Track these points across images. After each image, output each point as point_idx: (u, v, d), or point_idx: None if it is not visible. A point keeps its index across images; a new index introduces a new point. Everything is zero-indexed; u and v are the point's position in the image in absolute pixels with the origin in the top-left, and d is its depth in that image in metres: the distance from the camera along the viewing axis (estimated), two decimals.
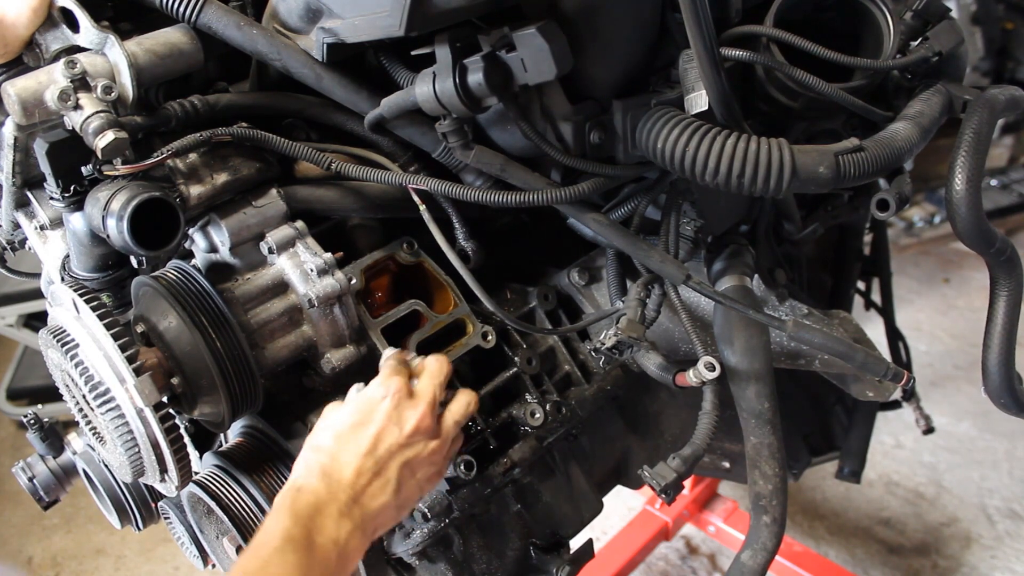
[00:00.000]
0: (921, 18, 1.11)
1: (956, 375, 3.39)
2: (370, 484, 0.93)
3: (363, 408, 0.97)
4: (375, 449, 0.94)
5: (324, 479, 0.91)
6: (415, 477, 0.97)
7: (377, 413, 0.96)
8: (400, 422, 0.96)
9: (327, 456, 0.94)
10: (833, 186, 0.96)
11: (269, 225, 1.06)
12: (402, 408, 0.97)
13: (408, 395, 0.98)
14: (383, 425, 0.95)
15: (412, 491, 0.98)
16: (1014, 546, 2.64)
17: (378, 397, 0.97)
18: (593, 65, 1.00)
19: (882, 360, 1.09)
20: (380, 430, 0.95)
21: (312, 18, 1.03)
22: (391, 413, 0.96)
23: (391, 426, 0.96)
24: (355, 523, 0.90)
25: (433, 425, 0.99)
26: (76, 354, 0.96)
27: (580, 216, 1.10)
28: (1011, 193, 4.07)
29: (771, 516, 1.13)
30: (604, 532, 2.64)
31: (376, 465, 0.94)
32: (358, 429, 0.95)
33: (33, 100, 0.95)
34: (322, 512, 0.88)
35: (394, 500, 0.95)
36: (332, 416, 0.98)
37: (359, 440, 0.94)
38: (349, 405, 0.99)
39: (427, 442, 0.98)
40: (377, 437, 0.95)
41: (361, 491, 0.92)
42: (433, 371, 1.02)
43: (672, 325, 1.29)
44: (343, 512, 0.90)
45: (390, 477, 0.94)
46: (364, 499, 0.92)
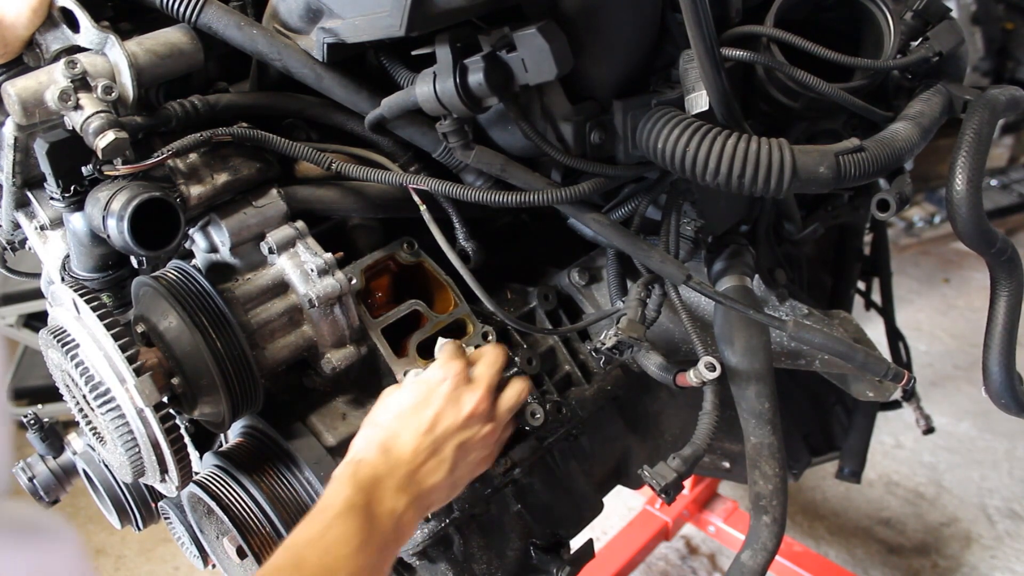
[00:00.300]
0: (921, 18, 1.11)
1: (956, 375, 3.39)
2: (427, 462, 0.97)
3: (423, 389, 1.01)
4: (433, 429, 0.98)
5: (384, 454, 0.96)
6: (468, 459, 1.02)
7: (436, 395, 1.00)
8: (458, 405, 1.01)
9: (387, 432, 0.98)
10: (833, 186, 0.96)
11: (269, 225, 1.06)
12: (460, 391, 1.01)
13: (466, 380, 1.03)
14: (442, 407, 1.00)
15: (464, 472, 1.02)
16: (1014, 546, 2.64)
17: (438, 379, 1.02)
18: (593, 65, 1.00)
19: (882, 360, 1.09)
20: (439, 411, 0.99)
21: (312, 18, 1.03)
22: (450, 395, 1.01)
23: (449, 408, 1.00)
24: (411, 497, 0.94)
25: (489, 409, 1.03)
26: (76, 354, 0.96)
27: (580, 216, 1.10)
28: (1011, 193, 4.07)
29: (771, 516, 1.13)
30: (604, 532, 2.64)
31: (433, 444, 0.98)
32: (418, 409, 0.99)
33: (33, 100, 0.95)
34: (381, 484, 0.93)
35: (447, 479, 0.99)
36: (392, 396, 1.02)
37: (418, 419, 0.99)
38: (409, 386, 1.03)
39: (482, 426, 1.02)
40: (436, 418, 0.99)
41: (418, 468, 0.96)
42: (490, 359, 1.07)
43: (672, 325, 1.29)
44: (400, 486, 0.94)
45: (446, 456, 0.99)
46: (420, 475, 0.96)
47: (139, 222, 0.90)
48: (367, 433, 1.00)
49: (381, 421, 1.00)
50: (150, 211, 0.91)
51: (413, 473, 0.96)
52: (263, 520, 1.03)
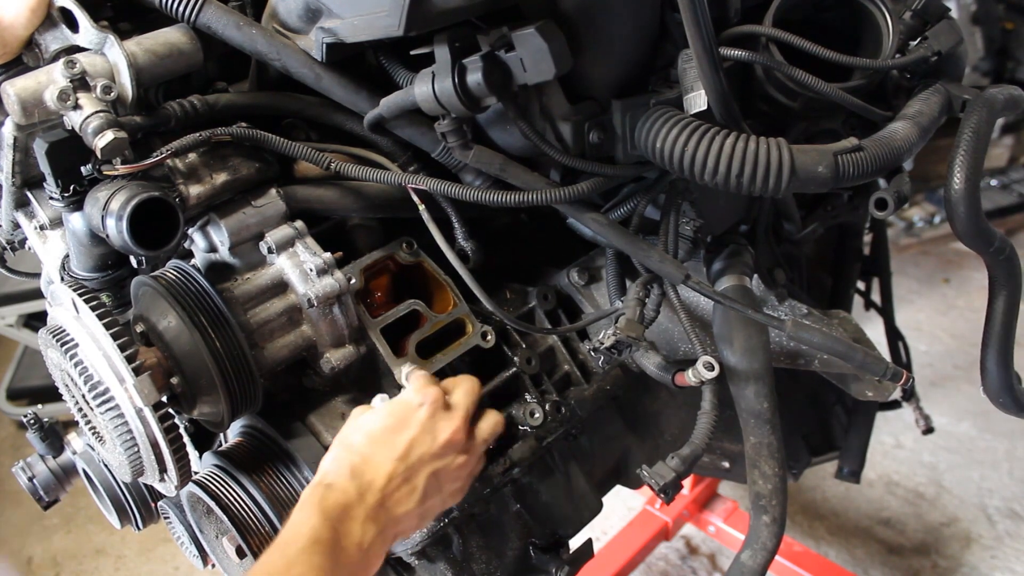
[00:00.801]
0: (920, 18, 1.11)
1: (956, 375, 3.39)
2: (398, 489, 0.94)
3: (398, 413, 0.98)
4: (407, 456, 0.95)
5: (355, 479, 0.92)
6: (441, 489, 0.98)
7: (412, 420, 0.97)
8: (434, 432, 0.97)
9: (358, 456, 0.94)
10: (832, 186, 0.96)
11: (269, 225, 1.06)
12: (437, 418, 0.98)
13: (444, 407, 1.00)
14: (417, 433, 0.96)
15: (435, 503, 0.99)
16: (1014, 546, 2.64)
17: (415, 404, 0.98)
18: (592, 65, 1.01)
19: (882, 360, 1.09)
20: (414, 437, 0.96)
21: (311, 18, 1.03)
22: (426, 422, 0.97)
23: (425, 435, 0.96)
24: (380, 527, 0.91)
25: (465, 440, 1.00)
26: (76, 354, 0.96)
27: (579, 216, 1.10)
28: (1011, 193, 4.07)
29: (771, 516, 1.13)
30: (604, 532, 2.64)
31: (407, 471, 0.95)
32: (392, 433, 0.96)
33: (33, 100, 0.95)
34: (350, 514, 0.89)
35: (417, 509, 0.96)
36: (364, 418, 0.98)
37: (393, 445, 0.95)
38: (383, 408, 0.99)
39: (456, 456, 0.99)
40: (411, 444, 0.95)
41: (389, 495, 0.93)
42: (467, 387, 1.04)
43: (672, 325, 1.29)
44: (370, 516, 0.90)
45: (418, 485, 0.95)
46: (390, 504, 0.93)
47: (138, 222, 0.91)
48: (337, 454, 0.96)
49: (353, 443, 0.96)
50: (149, 211, 0.91)
51: (383, 501, 0.92)
52: (262, 519, 1.03)
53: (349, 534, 0.88)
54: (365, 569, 0.89)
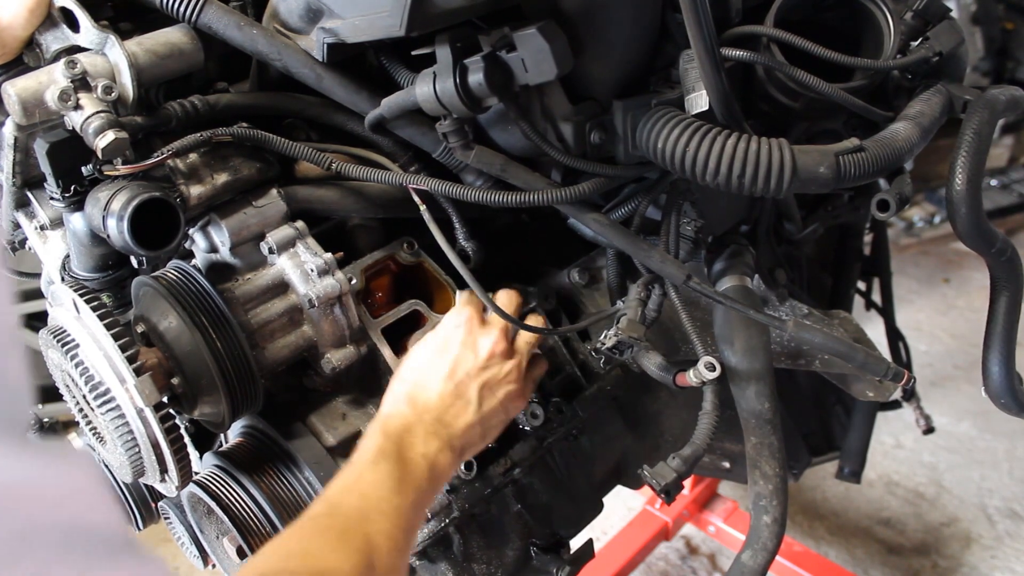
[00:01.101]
0: (921, 18, 1.11)
1: (956, 375, 3.39)
2: (452, 405, 1.01)
3: (439, 339, 1.05)
4: (454, 373, 1.02)
5: (409, 404, 0.99)
6: (495, 397, 1.04)
7: (453, 341, 1.04)
8: (475, 347, 1.04)
9: (410, 384, 1.02)
10: (834, 186, 0.96)
11: (269, 225, 1.06)
12: (476, 334, 1.05)
13: (480, 322, 1.06)
14: (460, 351, 1.03)
15: (496, 410, 1.05)
16: (1014, 546, 2.64)
17: (452, 326, 1.06)
18: (594, 65, 1.00)
19: (882, 360, 1.09)
20: (457, 356, 1.03)
21: (312, 18, 1.03)
22: (466, 339, 1.04)
23: (467, 352, 1.04)
24: (442, 440, 0.97)
25: (507, 347, 1.06)
26: (76, 354, 0.96)
27: (580, 216, 1.10)
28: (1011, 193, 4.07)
29: (771, 516, 1.13)
30: (604, 532, 2.64)
31: (456, 388, 1.02)
32: (436, 357, 1.03)
33: (33, 100, 0.95)
34: (410, 431, 0.96)
35: (477, 419, 1.02)
36: (412, 351, 1.06)
37: (438, 367, 1.02)
38: (426, 338, 1.07)
39: (502, 363, 1.05)
40: (455, 362, 1.03)
41: (444, 411, 1.00)
42: (503, 300, 1.11)
43: (672, 325, 1.29)
44: (429, 431, 0.97)
45: (471, 398, 1.02)
46: (448, 418, 1.00)
47: (139, 222, 0.90)
48: (393, 388, 1.03)
49: (404, 375, 1.03)
50: (150, 211, 0.91)
51: (440, 417, 0.99)
52: (263, 520, 1.03)
53: (412, 446, 0.94)
54: (433, 482, 0.94)
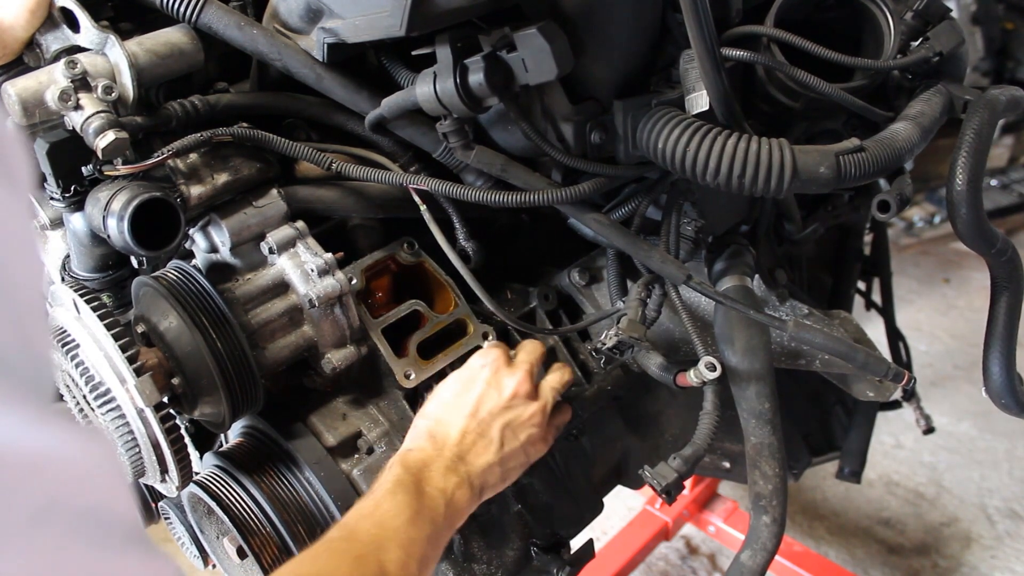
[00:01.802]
0: (921, 18, 1.11)
1: (956, 375, 3.39)
2: (475, 444, 1.01)
3: (465, 377, 1.06)
4: (477, 412, 1.03)
5: (431, 440, 1.00)
6: (517, 439, 1.04)
7: (478, 380, 1.05)
8: (499, 387, 1.05)
9: (433, 421, 1.03)
10: (834, 186, 0.96)
11: (269, 225, 1.06)
12: (501, 375, 1.05)
13: (506, 364, 1.07)
14: (484, 390, 1.04)
15: (516, 452, 1.05)
16: (1014, 546, 2.64)
17: (478, 366, 1.06)
18: (594, 65, 1.00)
19: (882, 360, 1.09)
20: (481, 394, 1.04)
21: (313, 18, 1.03)
22: (491, 379, 1.05)
23: (491, 391, 1.04)
24: (460, 478, 0.98)
25: (531, 390, 1.07)
26: (76, 354, 0.96)
27: (581, 216, 1.10)
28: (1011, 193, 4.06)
29: (771, 516, 1.13)
30: (604, 532, 2.64)
31: (479, 426, 1.02)
32: (461, 395, 1.04)
33: (33, 100, 0.95)
34: (429, 466, 0.96)
35: (497, 459, 1.02)
36: (437, 388, 1.07)
37: (462, 404, 1.03)
38: (451, 376, 1.08)
39: (526, 405, 1.06)
40: (479, 401, 1.03)
41: (467, 450, 1.00)
42: (529, 347, 1.12)
43: (672, 325, 1.29)
44: (449, 467, 0.97)
45: (492, 437, 1.02)
46: (469, 456, 1.00)
47: (139, 222, 0.91)
48: (416, 424, 1.04)
49: (428, 411, 1.04)
50: (150, 211, 0.91)
51: (462, 455, 0.99)
52: (263, 520, 1.03)
53: (430, 480, 0.95)
54: (450, 518, 0.95)
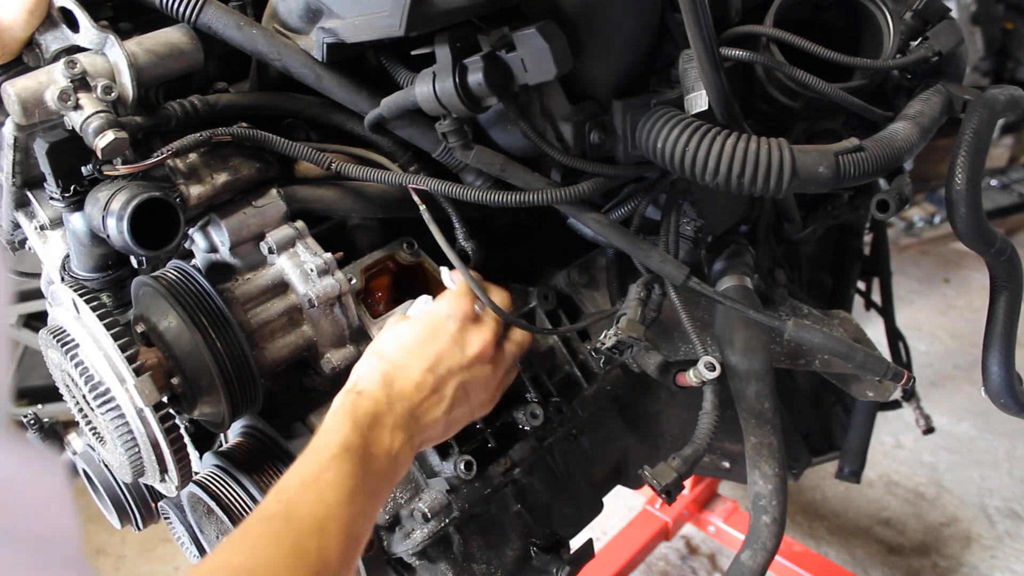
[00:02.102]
0: (921, 18, 1.11)
1: (956, 375, 3.39)
2: (427, 399, 0.98)
3: (430, 325, 1.01)
4: (437, 367, 0.99)
5: (385, 388, 0.95)
6: (468, 399, 1.02)
7: (443, 332, 1.01)
8: (463, 345, 1.01)
9: (390, 365, 0.98)
10: (833, 186, 0.96)
11: (269, 225, 1.06)
12: (467, 331, 1.02)
13: (473, 319, 1.03)
14: (447, 345, 1.00)
15: (463, 412, 1.03)
16: (1014, 546, 2.64)
17: (444, 316, 1.02)
18: (593, 65, 1.00)
19: (882, 360, 1.09)
20: (443, 349, 1.00)
21: (312, 18, 1.03)
22: (456, 335, 1.01)
23: (455, 348, 1.01)
24: (408, 435, 0.95)
25: (493, 352, 1.04)
26: (76, 354, 0.96)
27: (580, 216, 1.10)
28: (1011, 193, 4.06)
29: (771, 516, 1.13)
30: (604, 532, 2.64)
31: (436, 382, 0.99)
32: (423, 345, 0.99)
33: (33, 100, 0.95)
34: (380, 422, 0.92)
35: (444, 418, 1.00)
36: (399, 328, 1.02)
37: (423, 355, 0.99)
38: (416, 320, 1.02)
39: (484, 367, 1.03)
40: (440, 355, 0.99)
41: (418, 405, 0.97)
42: (499, 298, 1.08)
43: (672, 325, 1.29)
44: (399, 424, 0.94)
45: (446, 395, 0.99)
46: (419, 412, 0.97)
47: (139, 222, 0.91)
48: (370, 362, 0.99)
49: (386, 352, 0.99)
50: (150, 211, 0.91)
51: (413, 410, 0.96)
52: None
53: (379, 442, 0.91)
54: (393, 475, 0.93)
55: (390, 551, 1.12)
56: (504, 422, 1.19)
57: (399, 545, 1.10)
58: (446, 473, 1.11)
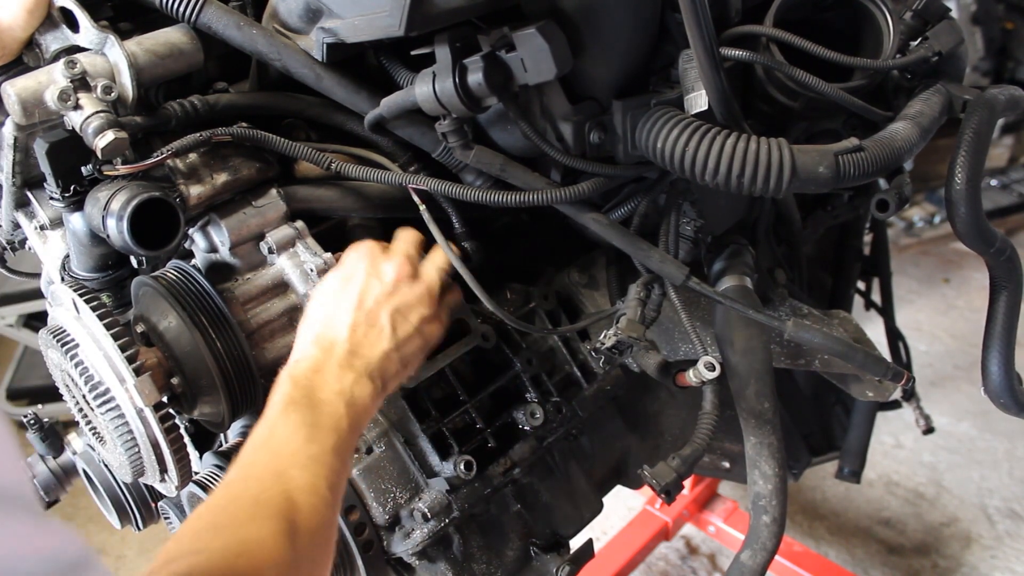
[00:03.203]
0: (921, 18, 1.11)
1: (956, 375, 3.39)
2: (366, 335, 0.96)
3: (340, 272, 1.01)
4: (363, 303, 0.97)
5: (317, 344, 0.94)
6: (409, 321, 1.00)
7: (356, 272, 1.00)
8: (379, 274, 1.00)
9: (319, 324, 0.96)
10: (833, 186, 0.96)
11: (269, 225, 1.06)
12: (379, 262, 1.01)
13: (381, 251, 1.03)
14: (364, 280, 0.99)
15: (412, 336, 1.00)
16: (1014, 546, 2.64)
17: (354, 259, 1.02)
18: (593, 65, 1.00)
19: (882, 360, 1.09)
20: (363, 285, 0.99)
21: (312, 18, 1.03)
22: (369, 268, 1.00)
23: (372, 280, 0.99)
24: (357, 372, 0.92)
25: (412, 271, 1.03)
26: (76, 354, 0.96)
27: (580, 216, 1.10)
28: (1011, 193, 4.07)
29: (771, 516, 1.13)
30: (604, 532, 2.64)
31: (367, 317, 0.97)
32: (340, 292, 0.98)
33: (33, 100, 0.95)
34: (320, 371, 0.90)
35: (393, 345, 0.97)
36: (315, 293, 1.01)
37: (345, 299, 0.98)
38: (328, 277, 1.02)
39: (411, 287, 1.01)
40: (362, 292, 0.98)
41: (358, 343, 0.95)
42: (403, 235, 1.07)
43: (672, 325, 1.29)
44: (342, 365, 0.92)
45: (383, 325, 0.97)
46: (362, 350, 0.95)
47: (139, 222, 0.91)
48: (301, 332, 0.98)
49: (311, 317, 0.98)
50: (150, 211, 0.91)
51: (354, 349, 0.94)
52: None
53: (324, 386, 0.89)
54: (354, 417, 0.89)
55: (390, 551, 1.12)
56: (504, 422, 1.20)
57: (399, 545, 1.10)
58: (446, 473, 1.11)
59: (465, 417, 1.17)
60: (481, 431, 1.16)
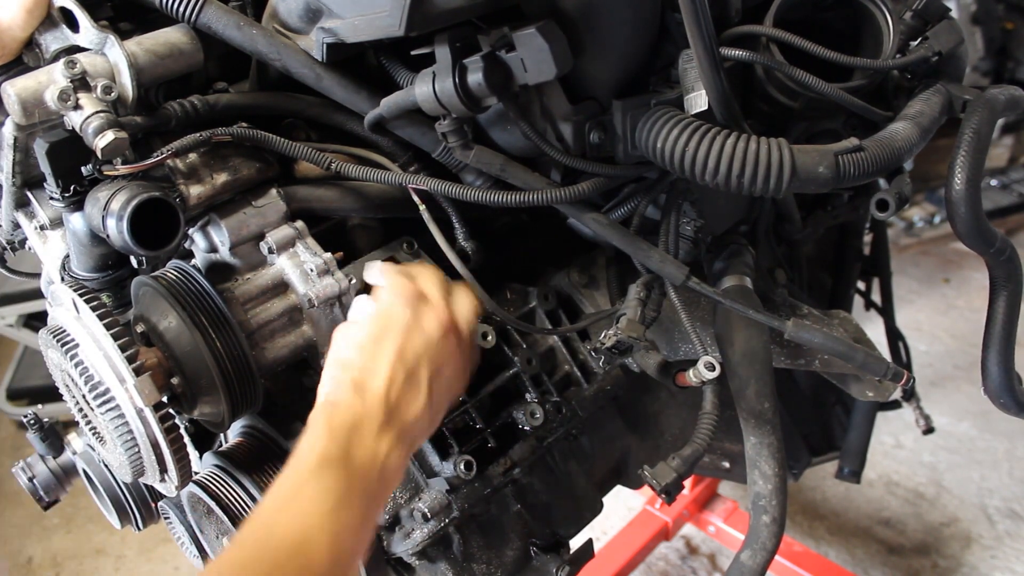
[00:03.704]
0: (921, 18, 1.11)
1: (956, 375, 3.39)
2: (405, 393, 0.91)
3: (382, 318, 0.95)
4: (403, 356, 0.92)
5: (358, 393, 0.88)
6: (443, 376, 0.96)
7: (396, 321, 0.94)
8: (421, 325, 0.95)
9: (356, 370, 0.90)
10: (833, 186, 0.96)
11: (269, 225, 1.06)
12: (420, 312, 0.95)
13: (420, 297, 0.97)
14: (405, 331, 0.93)
15: (443, 395, 0.96)
16: (1014, 546, 2.64)
17: (391, 305, 0.96)
18: (593, 65, 1.00)
19: (882, 360, 1.09)
20: (404, 337, 0.93)
21: (312, 18, 1.03)
22: (410, 319, 0.94)
23: (414, 331, 0.94)
24: (394, 436, 0.88)
25: (451, 322, 0.98)
26: (76, 354, 0.96)
27: (580, 216, 1.10)
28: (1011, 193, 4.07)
29: (771, 516, 1.13)
30: (604, 532, 2.64)
31: (407, 372, 0.92)
32: (382, 339, 0.92)
33: (33, 100, 0.95)
34: (360, 428, 0.86)
35: (427, 407, 0.93)
36: (350, 333, 0.95)
37: (385, 349, 0.92)
38: (366, 319, 0.96)
39: (449, 339, 0.97)
40: (403, 344, 0.92)
41: (396, 402, 0.90)
42: (430, 276, 1.01)
43: (672, 325, 1.29)
44: (382, 426, 0.87)
45: (421, 381, 0.92)
46: (400, 409, 0.90)
47: (139, 222, 0.91)
48: (335, 374, 0.92)
49: (347, 359, 0.92)
50: (150, 211, 0.91)
51: (393, 409, 0.89)
52: None
53: (362, 449, 0.84)
54: (384, 485, 0.86)
55: (390, 551, 1.12)
56: (504, 422, 1.20)
57: (399, 545, 1.10)
58: (446, 473, 1.11)
59: (465, 417, 1.17)
60: (481, 431, 1.16)
